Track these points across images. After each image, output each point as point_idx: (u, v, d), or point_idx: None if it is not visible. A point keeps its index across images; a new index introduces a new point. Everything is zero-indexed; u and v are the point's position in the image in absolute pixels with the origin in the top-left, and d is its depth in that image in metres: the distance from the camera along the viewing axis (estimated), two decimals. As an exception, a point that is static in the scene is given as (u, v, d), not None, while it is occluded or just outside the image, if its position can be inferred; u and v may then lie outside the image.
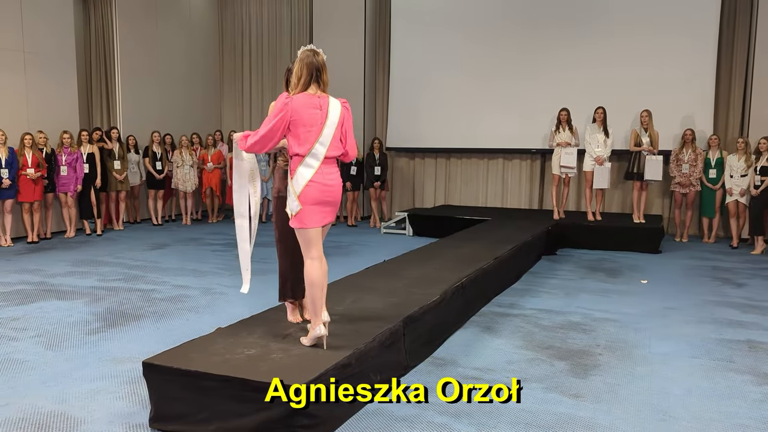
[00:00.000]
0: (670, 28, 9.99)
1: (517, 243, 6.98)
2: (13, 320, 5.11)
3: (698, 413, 3.42)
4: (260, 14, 13.17)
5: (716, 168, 9.13)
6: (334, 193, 3.45)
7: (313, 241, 3.43)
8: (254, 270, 7.03)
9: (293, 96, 3.37)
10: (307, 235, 3.42)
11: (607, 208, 10.52)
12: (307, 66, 3.38)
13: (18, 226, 8.99)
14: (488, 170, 11.60)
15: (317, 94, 3.41)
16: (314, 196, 3.37)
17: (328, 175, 3.41)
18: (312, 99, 3.37)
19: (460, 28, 11.31)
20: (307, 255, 3.45)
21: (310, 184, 3.35)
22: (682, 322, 5.22)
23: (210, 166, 11.12)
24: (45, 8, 9.52)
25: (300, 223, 3.41)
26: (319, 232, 3.47)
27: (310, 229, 3.41)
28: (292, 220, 3.43)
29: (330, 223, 3.57)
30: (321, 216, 3.43)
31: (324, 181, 3.39)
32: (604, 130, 8.99)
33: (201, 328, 4.61)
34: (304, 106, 3.34)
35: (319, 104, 3.38)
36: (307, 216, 3.38)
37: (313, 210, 3.39)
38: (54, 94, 9.71)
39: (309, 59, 3.38)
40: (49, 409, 3.42)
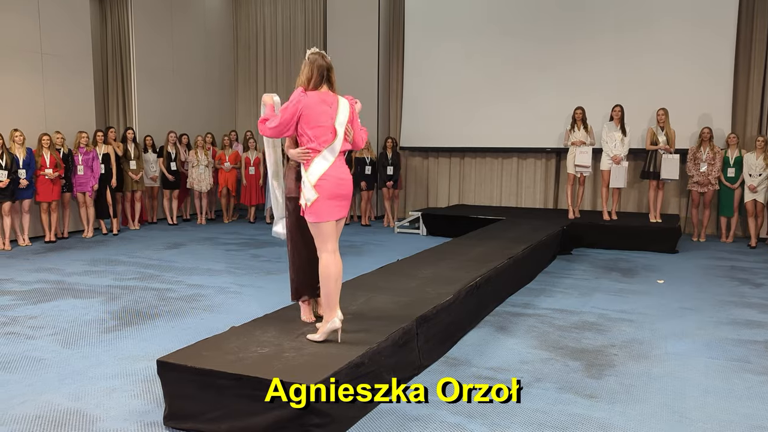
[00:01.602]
0: (687, 24, 9.88)
1: (531, 242, 6.94)
2: (31, 318, 5.17)
3: (715, 414, 3.38)
4: (274, 15, 13.23)
5: (735, 167, 9.01)
6: (347, 187, 3.56)
7: (328, 234, 3.50)
8: (268, 269, 7.10)
9: (309, 93, 3.49)
10: (322, 228, 3.49)
11: (623, 208, 10.42)
12: (317, 68, 3.50)
13: (36, 226, 9.09)
14: (502, 169, 11.55)
15: (328, 92, 3.54)
16: (330, 189, 3.46)
17: (341, 169, 3.53)
18: (324, 96, 3.50)
19: (473, 27, 11.28)
20: (323, 249, 3.51)
21: (326, 176, 3.45)
22: (699, 322, 5.16)
23: (227, 166, 11.18)
24: (62, 10, 9.62)
25: (315, 217, 3.48)
26: (334, 226, 3.53)
27: (325, 222, 3.48)
28: (308, 214, 3.48)
29: (344, 219, 3.63)
30: (336, 210, 3.51)
31: (338, 175, 3.50)
32: (621, 129, 8.91)
33: (215, 327, 4.64)
34: (317, 103, 3.47)
35: (330, 101, 3.51)
36: (322, 209, 3.46)
37: (328, 203, 3.47)
38: (71, 94, 9.82)
39: (318, 61, 3.52)
40: (66, 407, 3.45)
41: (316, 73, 3.49)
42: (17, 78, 9.02)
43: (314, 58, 3.51)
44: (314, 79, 3.49)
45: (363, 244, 8.97)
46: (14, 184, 8.37)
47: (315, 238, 3.55)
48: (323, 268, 3.50)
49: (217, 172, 11.29)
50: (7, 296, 5.90)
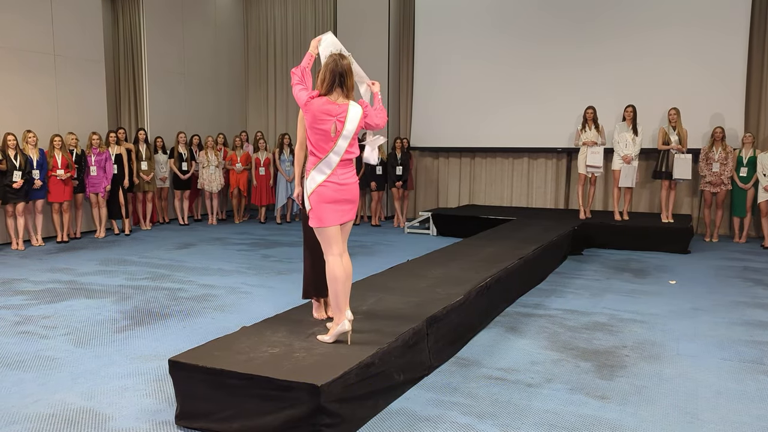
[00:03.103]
0: (699, 24, 9.81)
1: (542, 243, 6.92)
2: (44, 318, 5.21)
3: (727, 416, 3.36)
4: (284, 15, 13.27)
5: (748, 166, 8.94)
6: (349, 191, 3.52)
7: (332, 238, 3.49)
8: (278, 270, 7.11)
9: (314, 100, 3.43)
10: (326, 233, 3.49)
11: (634, 208, 10.37)
12: (330, 71, 3.45)
13: (48, 226, 9.17)
14: (513, 169, 11.52)
15: (338, 101, 3.45)
16: (328, 195, 3.45)
17: (342, 176, 3.50)
18: (330, 106, 3.43)
19: (484, 27, 11.26)
20: (329, 252, 3.51)
21: (324, 184, 3.45)
22: (712, 323, 5.12)
23: (239, 167, 11.22)
24: (75, 11, 9.70)
25: (318, 222, 3.49)
26: (338, 230, 3.52)
27: (328, 227, 3.47)
28: (311, 219, 3.50)
29: (351, 221, 3.61)
30: (338, 214, 3.49)
31: (338, 181, 3.47)
32: (633, 129, 8.87)
33: (226, 327, 4.66)
34: (320, 112, 3.42)
35: (336, 113, 3.43)
36: (323, 214, 3.46)
37: (329, 208, 3.46)
38: (83, 95, 9.90)
39: (333, 64, 3.46)
40: (79, 406, 3.48)
41: (329, 77, 3.45)
42: (30, 80, 9.10)
43: (330, 61, 3.47)
44: (327, 82, 3.45)
45: (373, 245, 8.97)
46: (28, 185, 8.45)
47: (320, 241, 3.56)
48: (329, 271, 3.50)
49: (227, 172, 11.34)
50: (21, 296, 5.96)
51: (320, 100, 3.43)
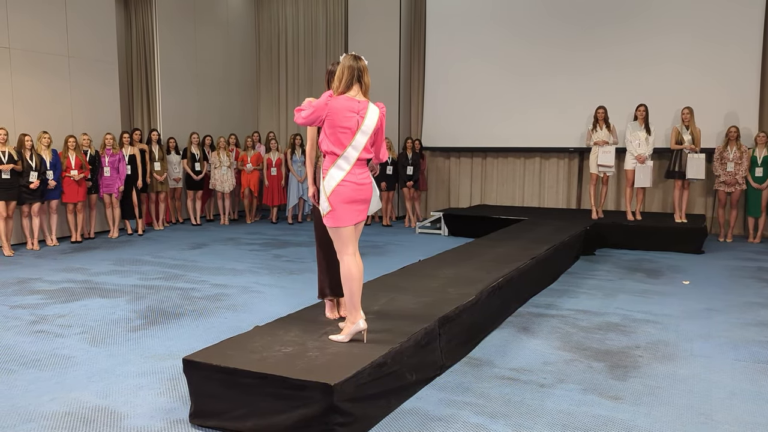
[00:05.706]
0: (711, 21, 9.74)
1: (554, 243, 6.90)
2: (60, 317, 5.27)
3: (741, 417, 3.34)
4: (296, 16, 13.31)
5: (763, 166, 8.86)
6: (366, 191, 3.57)
7: (348, 238, 3.53)
8: (290, 269, 7.14)
9: (334, 98, 3.48)
10: (342, 233, 3.52)
11: (647, 208, 10.31)
12: (348, 68, 3.52)
13: (63, 226, 9.25)
14: (525, 169, 11.49)
15: (357, 98, 3.51)
16: (347, 195, 3.48)
17: (360, 175, 3.54)
18: (351, 102, 3.49)
19: (495, 26, 11.24)
20: (344, 252, 3.54)
21: (343, 183, 3.48)
22: (726, 323, 5.09)
23: (249, 168, 11.27)
24: (88, 13, 9.78)
25: (334, 222, 3.51)
26: (353, 230, 3.55)
27: (344, 227, 3.50)
28: (326, 219, 3.52)
29: (363, 222, 3.64)
30: (354, 214, 3.53)
31: (356, 180, 3.51)
32: (645, 128, 8.82)
33: (239, 326, 4.68)
34: (343, 108, 3.46)
35: (357, 108, 3.49)
36: (340, 215, 3.49)
37: (347, 208, 3.49)
38: (97, 97, 9.98)
39: (351, 63, 3.53)
40: (94, 404, 3.52)
41: (347, 73, 3.50)
42: (44, 81, 9.19)
43: (347, 60, 3.53)
44: (345, 78, 3.49)
45: (385, 245, 8.98)
46: (43, 185, 8.53)
47: (334, 242, 3.58)
48: (345, 271, 3.52)
49: (239, 173, 11.40)
50: (37, 295, 6.02)
51: (341, 97, 3.48)
